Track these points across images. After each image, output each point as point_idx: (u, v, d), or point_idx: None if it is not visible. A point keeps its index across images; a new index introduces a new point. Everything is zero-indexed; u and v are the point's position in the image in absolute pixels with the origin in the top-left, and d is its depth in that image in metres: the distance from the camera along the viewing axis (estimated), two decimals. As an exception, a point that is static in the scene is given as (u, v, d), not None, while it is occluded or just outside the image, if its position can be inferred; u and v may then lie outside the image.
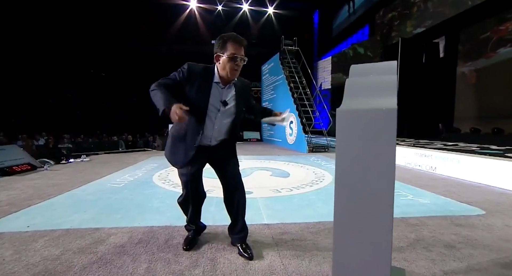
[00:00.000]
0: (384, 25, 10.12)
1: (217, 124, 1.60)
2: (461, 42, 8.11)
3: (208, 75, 1.53)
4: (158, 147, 8.37)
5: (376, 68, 0.86)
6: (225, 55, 1.46)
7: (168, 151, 1.68)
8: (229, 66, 1.47)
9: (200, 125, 1.56)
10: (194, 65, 1.52)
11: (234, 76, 1.52)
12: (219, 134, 1.65)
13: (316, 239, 1.90)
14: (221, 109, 1.58)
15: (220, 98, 1.56)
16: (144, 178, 4.11)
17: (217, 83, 1.54)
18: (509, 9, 6.64)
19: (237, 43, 1.46)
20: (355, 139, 0.67)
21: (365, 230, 0.67)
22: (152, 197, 3.00)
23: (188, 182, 1.68)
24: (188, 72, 1.49)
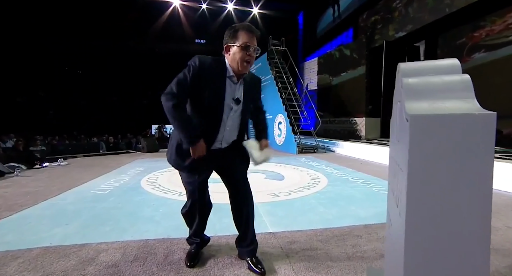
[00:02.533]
0: (367, 28, 10.34)
1: (229, 125, 1.45)
2: (439, 47, 8.44)
3: (221, 68, 1.38)
4: (143, 148, 7.97)
5: (435, 67, 0.76)
6: (236, 45, 1.32)
7: (172, 155, 1.49)
8: (241, 56, 1.32)
9: (215, 128, 1.41)
10: (204, 58, 1.36)
11: (246, 69, 1.37)
12: (230, 136, 1.51)
13: (327, 248, 1.80)
14: (234, 108, 1.43)
15: (233, 95, 1.41)
16: (132, 183, 3.83)
17: (230, 77, 1.39)
18: (482, 17, 7.02)
19: (250, 32, 1.33)
20: (438, 153, 0.55)
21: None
22: (143, 205, 2.77)
23: (195, 191, 1.51)
24: (200, 67, 1.33)
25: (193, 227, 1.63)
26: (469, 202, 0.55)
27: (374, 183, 3.77)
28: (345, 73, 10.68)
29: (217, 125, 1.40)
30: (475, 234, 0.55)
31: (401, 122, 0.75)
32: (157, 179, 4.06)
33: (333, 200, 2.96)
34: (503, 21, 6.69)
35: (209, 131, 1.40)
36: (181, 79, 1.33)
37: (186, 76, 1.33)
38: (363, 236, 1.99)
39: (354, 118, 9.82)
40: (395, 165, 0.90)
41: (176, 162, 1.48)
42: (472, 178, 0.54)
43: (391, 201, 0.96)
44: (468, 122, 0.54)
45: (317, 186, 3.64)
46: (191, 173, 1.49)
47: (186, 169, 1.48)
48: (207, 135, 1.40)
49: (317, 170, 4.88)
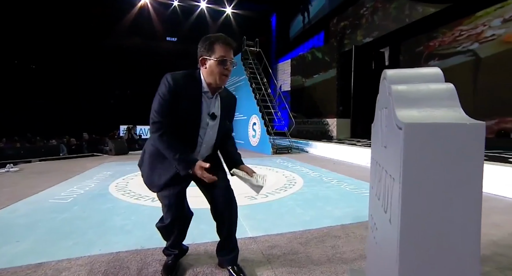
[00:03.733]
0: (338, 32, 10.77)
1: (205, 141, 1.41)
2: (402, 53, 9.08)
3: (196, 84, 1.32)
4: (110, 151, 7.47)
5: (420, 75, 0.78)
6: (212, 59, 1.27)
7: (145, 172, 1.42)
8: (218, 70, 1.28)
9: (192, 144, 1.36)
10: (177, 76, 1.28)
11: (224, 83, 1.33)
12: (206, 151, 1.47)
13: (307, 251, 1.80)
14: (210, 123, 1.38)
15: (208, 111, 1.36)
16: (98, 189, 3.55)
17: (205, 93, 1.33)
18: (435, 29, 7.70)
19: (227, 45, 1.28)
20: (431, 161, 0.56)
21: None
22: (113, 213, 2.57)
23: (172, 205, 1.41)
24: (174, 85, 1.26)
25: (171, 240, 1.54)
26: (461, 208, 0.56)
27: (347, 182, 3.91)
28: (317, 75, 11.02)
29: (194, 141, 1.36)
30: (467, 239, 0.56)
31: (389, 129, 0.75)
32: (128, 184, 3.82)
33: (309, 201, 3.01)
34: (451, 34, 7.39)
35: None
36: (160, 103, 1.27)
37: (165, 97, 1.26)
38: (341, 236, 2.03)
39: (326, 119, 10.17)
40: (380, 169, 0.90)
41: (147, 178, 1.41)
42: (464, 185, 0.55)
43: (375, 204, 0.97)
44: (460, 131, 0.54)
45: (293, 187, 3.68)
46: (166, 188, 1.39)
47: (156, 188, 1.40)
48: None
49: (293, 170, 4.95)
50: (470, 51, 7.06)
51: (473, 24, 6.98)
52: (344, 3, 10.47)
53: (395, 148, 0.67)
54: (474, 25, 6.97)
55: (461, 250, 0.56)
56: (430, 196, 0.57)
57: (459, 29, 7.30)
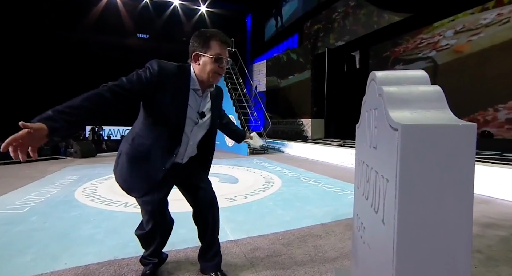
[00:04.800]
0: (311, 35, 11.08)
1: (192, 140, 1.33)
2: (371, 57, 9.58)
3: (185, 79, 1.22)
4: (75, 153, 6.92)
5: (407, 77, 0.79)
6: (207, 55, 1.19)
7: (122, 175, 1.29)
8: (212, 68, 1.20)
9: (175, 144, 1.25)
10: (165, 64, 1.18)
11: (217, 80, 1.26)
12: (193, 151, 1.39)
13: (290, 252, 1.80)
14: (199, 122, 1.30)
15: (197, 109, 1.28)
16: (62, 195, 3.26)
17: (195, 90, 1.25)
18: (399, 36, 8.25)
19: (224, 42, 1.21)
20: (427, 162, 0.56)
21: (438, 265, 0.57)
22: (80, 221, 2.37)
23: (155, 211, 1.32)
24: (160, 74, 1.14)
25: (151, 249, 1.44)
26: (454, 205, 0.58)
27: (324, 182, 4.01)
28: (292, 77, 11.22)
29: (178, 140, 1.25)
30: (459, 237, 0.57)
31: (381, 129, 0.76)
32: (96, 189, 3.55)
33: (289, 201, 3.03)
34: (414, 41, 7.98)
35: (170, 147, 1.26)
36: (130, 79, 1.11)
37: (141, 78, 1.12)
38: (322, 235, 2.06)
39: (301, 120, 10.39)
40: (368, 170, 0.92)
41: (126, 182, 1.29)
42: (457, 183, 0.57)
43: (362, 204, 0.98)
44: (453, 132, 0.56)
45: (272, 187, 3.69)
46: (149, 194, 1.30)
47: (138, 193, 1.29)
48: (163, 150, 1.25)
49: (270, 171, 4.97)
50: (429, 58, 7.66)
51: (431, 33, 7.59)
52: (317, 7, 10.80)
53: (388, 148, 0.67)
54: (432, 35, 7.57)
55: (454, 248, 0.57)
56: (426, 196, 0.58)
57: (420, 37, 7.89)
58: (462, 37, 6.93)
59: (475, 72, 6.41)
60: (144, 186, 1.27)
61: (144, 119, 1.26)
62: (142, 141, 1.25)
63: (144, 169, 1.25)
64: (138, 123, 1.30)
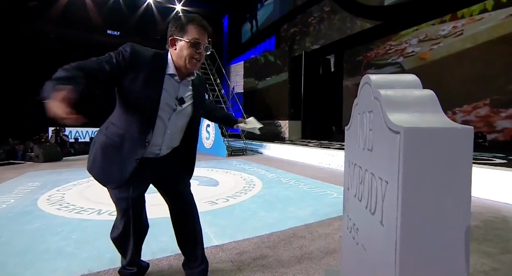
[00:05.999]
0: (288, 38, 11.28)
1: (171, 128, 1.25)
2: (345, 61, 9.99)
3: (160, 63, 1.17)
4: (37, 157, 6.34)
5: (400, 81, 0.82)
6: (184, 39, 1.14)
7: (97, 165, 1.21)
8: (189, 53, 1.15)
9: (148, 131, 1.17)
10: (139, 48, 1.14)
11: (195, 67, 1.20)
12: (172, 141, 1.31)
13: (277, 254, 1.79)
14: (178, 108, 1.23)
15: (175, 95, 1.22)
16: (22, 205, 2.95)
17: (172, 75, 1.19)
18: (371, 42, 8.71)
19: (202, 27, 1.16)
20: (428, 164, 0.58)
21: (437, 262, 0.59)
22: (45, 233, 2.15)
23: (129, 209, 1.24)
24: (132, 56, 1.10)
25: (128, 254, 1.34)
26: (453, 206, 0.60)
27: (304, 182, 4.08)
28: (269, 78, 11.33)
29: (151, 126, 1.18)
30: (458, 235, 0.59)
31: (377, 132, 0.77)
32: (64, 196, 3.28)
33: (271, 203, 3.03)
34: (384, 47, 8.47)
35: (142, 134, 1.18)
36: (100, 58, 1.07)
37: (112, 59, 1.08)
38: (306, 236, 2.08)
39: (279, 121, 10.51)
40: (361, 171, 0.93)
41: (101, 173, 1.21)
42: (456, 185, 0.59)
43: (355, 206, 1.00)
44: (452, 135, 0.58)
45: (253, 189, 3.67)
46: (123, 187, 1.22)
47: (113, 184, 1.21)
48: (135, 138, 1.18)
49: (250, 172, 4.95)
50: (398, 64, 8.16)
51: (399, 41, 8.11)
52: (293, 10, 11.03)
53: (387, 151, 0.68)
54: (400, 42, 8.09)
55: (453, 246, 0.59)
56: (427, 197, 0.59)
57: (389, 44, 8.38)
58: (425, 46, 7.47)
59: (436, 78, 6.93)
60: (118, 177, 1.19)
61: (118, 107, 1.20)
62: (115, 130, 1.20)
63: (117, 158, 1.19)
64: (113, 114, 1.25)
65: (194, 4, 14.17)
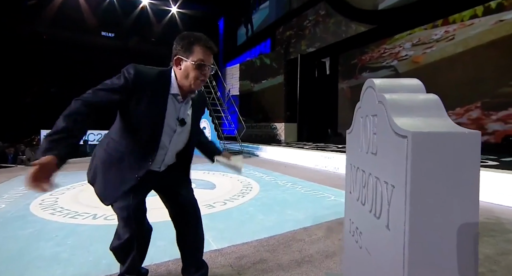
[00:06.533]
0: (283, 41, 11.35)
1: (171, 150, 1.26)
2: (340, 64, 10.09)
3: (164, 83, 1.15)
4: (29, 161, 6.21)
5: (403, 85, 0.82)
6: (189, 61, 1.13)
7: (98, 180, 1.21)
8: (194, 75, 1.14)
9: (151, 152, 1.18)
10: (143, 69, 1.12)
11: (199, 87, 1.20)
12: (171, 160, 1.31)
13: (276, 258, 1.78)
14: (177, 130, 1.23)
15: (176, 115, 1.21)
16: (14, 210, 2.88)
17: (175, 95, 1.18)
18: (366, 45, 8.83)
19: (208, 48, 1.15)
20: (436, 169, 0.58)
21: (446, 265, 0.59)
22: (39, 239, 2.10)
23: (130, 218, 1.22)
24: (136, 80, 1.08)
25: (128, 262, 1.32)
26: (461, 210, 0.60)
27: (301, 185, 4.08)
28: (265, 81, 11.36)
29: (154, 148, 1.18)
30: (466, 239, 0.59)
31: (382, 136, 0.77)
32: (57, 200, 3.21)
33: (269, 205, 3.02)
34: (378, 51, 8.59)
35: (144, 155, 1.18)
36: (105, 88, 1.06)
37: (117, 86, 1.06)
38: (305, 239, 2.08)
39: (274, 124, 10.53)
40: (364, 175, 0.93)
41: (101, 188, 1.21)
42: (464, 189, 0.59)
43: (358, 209, 1.00)
44: (460, 140, 0.58)
45: (250, 192, 3.65)
46: (122, 199, 1.20)
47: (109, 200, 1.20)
48: (138, 158, 1.18)
49: (247, 175, 4.93)
50: (392, 67, 8.28)
51: (393, 44, 8.23)
52: (288, 14, 11.12)
53: (393, 155, 0.69)
54: (394, 46, 8.22)
55: (462, 254, 0.59)
56: (435, 202, 0.59)
57: (383, 48, 8.50)
58: (418, 49, 7.60)
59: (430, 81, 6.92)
60: (115, 193, 1.18)
61: (120, 124, 1.19)
62: (116, 147, 1.19)
63: (117, 176, 1.18)
64: (114, 128, 1.23)
65: (190, 7, 14.17)
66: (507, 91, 5.89)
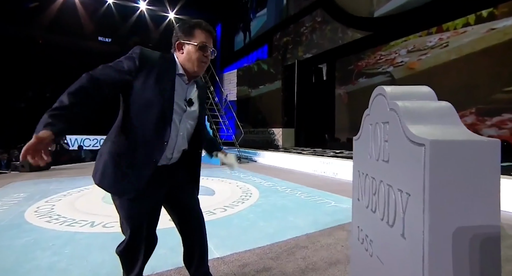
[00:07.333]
0: (281, 47, 11.46)
1: (182, 130, 1.23)
2: (337, 70, 10.20)
3: (169, 63, 1.17)
4: (23, 167, 6.09)
5: (414, 93, 0.83)
6: (192, 43, 1.16)
7: (107, 176, 1.13)
8: (197, 56, 1.16)
9: (165, 129, 1.14)
10: (148, 51, 1.13)
11: (203, 70, 1.21)
12: (183, 143, 1.27)
13: (280, 266, 1.75)
14: (188, 109, 1.22)
15: (184, 96, 1.21)
16: (8, 218, 2.80)
17: (181, 75, 1.19)
18: (362, 51, 8.95)
19: (207, 31, 1.19)
20: (454, 176, 0.58)
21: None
22: (35, 248, 2.04)
23: (142, 226, 1.18)
24: (142, 58, 1.09)
25: (134, 272, 1.28)
26: (481, 220, 0.59)
27: (300, 191, 4.06)
28: (263, 86, 11.41)
29: (167, 125, 1.14)
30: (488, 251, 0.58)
31: (394, 143, 0.77)
32: (53, 207, 3.14)
33: (269, 212, 2.99)
34: (374, 57, 8.71)
35: (159, 133, 1.13)
36: (111, 65, 1.07)
37: (122, 65, 1.07)
38: (308, 246, 2.05)
39: (272, 129, 10.53)
40: (375, 182, 0.92)
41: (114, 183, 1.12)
42: (484, 198, 0.59)
43: (368, 217, 0.99)
44: (479, 148, 0.58)
45: (250, 198, 3.62)
46: (136, 201, 1.14)
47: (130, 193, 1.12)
48: (151, 142, 1.12)
49: (246, 181, 4.90)
50: (388, 73, 8.39)
51: (388, 51, 8.36)
52: (285, 20, 11.25)
53: (408, 163, 0.68)
54: (389, 52, 8.35)
55: (483, 263, 0.58)
56: (455, 211, 0.59)
57: (379, 54, 8.63)
58: (413, 56, 7.73)
59: None
60: (134, 185, 1.11)
61: (127, 112, 1.13)
62: (126, 134, 1.12)
63: (132, 165, 1.11)
64: (118, 121, 1.17)
65: (187, 12, 14.26)
66: (500, 97, 6.01)
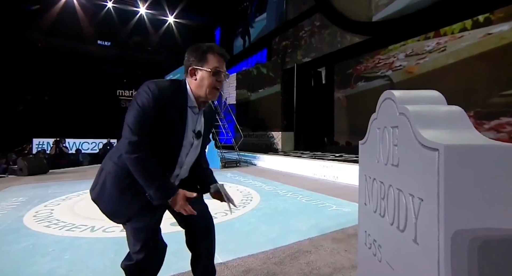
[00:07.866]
0: (280, 51, 11.52)
1: (187, 163, 1.22)
2: (335, 74, 10.25)
3: (182, 96, 1.13)
4: (21, 171, 6.04)
5: (423, 97, 0.83)
6: (205, 69, 1.12)
7: (105, 196, 1.13)
8: (210, 82, 1.12)
9: (168, 166, 1.15)
10: (163, 85, 1.09)
11: (215, 96, 1.17)
12: (185, 174, 1.27)
13: (284, 271, 1.74)
14: (194, 142, 1.20)
15: (193, 128, 1.18)
16: (6, 223, 2.77)
17: (192, 107, 1.16)
18: (361, 55, 9.02)
19: (221, 55, 1.16)
20: (469, 181, 0.57)
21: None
22: (34, 254, 2.01)
23: (148, 239, 1.15)
24: (158, 96, 1.05)
25: None
26: (497, 226, 0.58)
27: (301, 194, 4.04)
28: (262, 90, 11.44)
29: (173, 162, 1.15)
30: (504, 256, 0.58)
31: (404, 148, 0.77)
32: (53, 212, 3.10)
33: (271, 216, 2.97)
34: (373, 61, 8.78)
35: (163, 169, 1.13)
36: (140, 117, 1.03)
37: (146, 110, 1.03)
38: (312, 251, 2.04)
39: (271, 132, 10.54)
40: (383, 187, 0.92)
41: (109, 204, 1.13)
42: (499, 203, 0.58)
43: (376, 222, 0.98)
44: (495, 153, 0.58)
45: (251, 202, 3.60)
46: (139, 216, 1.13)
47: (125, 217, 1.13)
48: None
49: (246, 185, 4.88)
50: (387, 76, 8.44)
51: (387, 55, 8.43)
52: (284, 24, 11.33)
53: (420, 167, 0.68)
54: (388, 56, 8.41)
55: (499, 269, 0.58)
56: (470, 216, 0.58)
57: (378, 58, 8.69)
58: (412, 60, 7.80)
59: None
60: (129, 210, 1.12)
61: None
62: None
63: (131, 189, 1.11)
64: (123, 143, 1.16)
65: (186, 17, 14.36)
66: (497, 101, 6.05)
